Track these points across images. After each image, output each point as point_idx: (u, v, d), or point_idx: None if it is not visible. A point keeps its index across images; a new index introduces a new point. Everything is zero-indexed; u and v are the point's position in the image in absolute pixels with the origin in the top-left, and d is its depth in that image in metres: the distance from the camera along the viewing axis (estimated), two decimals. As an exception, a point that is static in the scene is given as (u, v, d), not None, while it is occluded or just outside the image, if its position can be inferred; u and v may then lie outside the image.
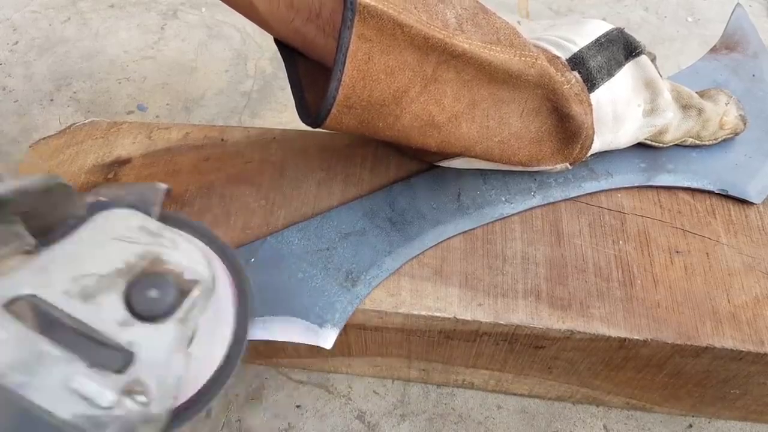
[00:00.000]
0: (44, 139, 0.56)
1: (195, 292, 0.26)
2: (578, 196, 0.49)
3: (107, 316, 0.25)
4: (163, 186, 0.39)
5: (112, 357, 0.24)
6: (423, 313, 0.44)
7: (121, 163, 0.53)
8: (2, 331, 0.22)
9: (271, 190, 0.50)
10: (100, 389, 0.23)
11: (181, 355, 0.26)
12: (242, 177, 0.51)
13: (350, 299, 0.44)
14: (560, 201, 0.49)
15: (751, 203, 0.49)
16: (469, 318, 0.44)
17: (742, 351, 0.42)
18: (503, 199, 0.49)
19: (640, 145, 0.51)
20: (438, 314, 0.44)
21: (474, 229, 0.48)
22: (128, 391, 0.24)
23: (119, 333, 0.25)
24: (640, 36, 0.49)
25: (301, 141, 0.54)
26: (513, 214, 0.48)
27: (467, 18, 0.38)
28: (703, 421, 0.57)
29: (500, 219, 0.48)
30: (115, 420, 0.23)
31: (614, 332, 0.43)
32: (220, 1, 0.40)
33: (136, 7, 0.96)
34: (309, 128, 0.41)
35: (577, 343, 0.44)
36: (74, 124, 0.57)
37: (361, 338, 0.49)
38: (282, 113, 0.82)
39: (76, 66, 0.88)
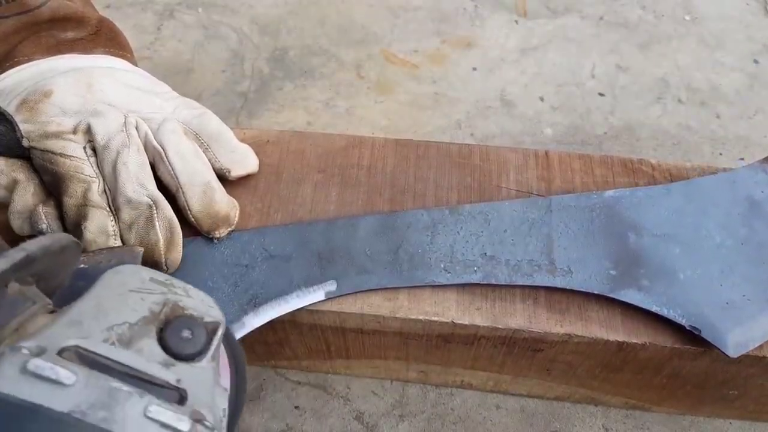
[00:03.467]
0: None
1: (220, 331, 0.28)
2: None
3: (150, 358, 0.26)
4: (140, 249, 0.42)
5: (168, 394, 0.25)
6: (421, 317, 0.44)
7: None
8: (71, 374, 0.23)
9: (268, 193, 0.50)
10: (178, 415, 0.24)
11: (220, 389, 0.27)
12: (238, 179, 0.50)
13: (240, 325, 0.43)
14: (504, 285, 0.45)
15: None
16: (466, 322, 0.43)
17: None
18: (442, 266, 0.45)
19: (619, 246, 0.45)
20: (436, 319, 0.44)
21: (398, 290, 0.45)
22: (196, 420, 0.25)
23: (165, 373, 0.25)
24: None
25: (298, 142, 0.53)
26: (446, 285, 0.45)
27: None
28: (702, 420, 0.57)
29: (431, 285, 0.45)
30: None
31: (612, 336, 0.43)
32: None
33: (133, 8, 0.96)
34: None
35: (575, 346, 0.44)
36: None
37: (359, 341, 0.49)
38: (279, 113, 0.82)
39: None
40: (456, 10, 0.93)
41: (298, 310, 0.44)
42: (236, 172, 0.49)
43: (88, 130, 0.44)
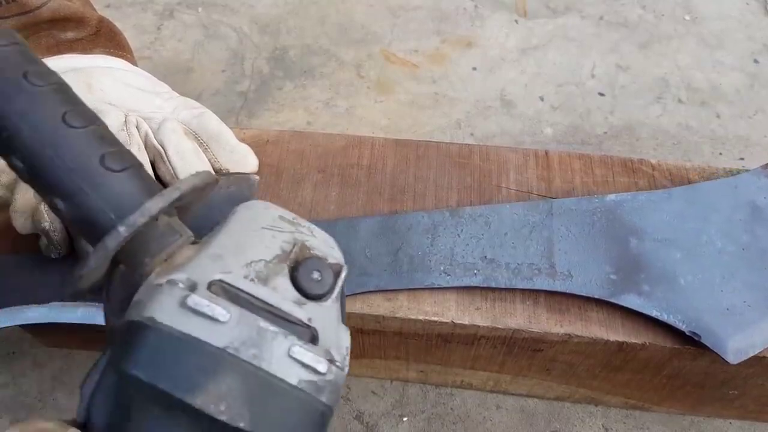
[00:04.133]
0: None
1: (344, 273, 0.29)
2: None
3: (285, 296, 0.27)
4: (257, 178, 0.44)
5: (303, 332, 0.26)
6: (420, 317, 0.44)
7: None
8: (225, 312, 0.25)
9: (267, 193, 0.50)
10: (317, 357, 0.25)
11: (343, 328, 0.29)
12: (239, 180, 0.50)
13: None
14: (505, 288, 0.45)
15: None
16: (466, 322, 0.43)
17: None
18: (442, 268, 0.45)
19: (620, 251, 0.45)
20: (435, 319, 0.44)
21: (398, 290, 0.45)
22: (329, 360, 0.26)
23: (299, 311, 0.27)
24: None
25: (298, 142, 0.53)
26: (446, 287, 0.45)
27: None
28: (702, 420, 0.57)
29: (430, 288, 0.45)
30: (327, 384, 0.26)
31: (612, 336, 0.43)
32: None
33: (133, 8, 0.96)
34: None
35: (575, 346, 0.44)
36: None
37: (359, 341, 0.49)
38: (279, 113, 0.82)
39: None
40: (456, 10, 0.93)
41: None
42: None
43: None
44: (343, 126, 0.80)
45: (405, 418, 0.57)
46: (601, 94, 0.83)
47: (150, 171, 0.45)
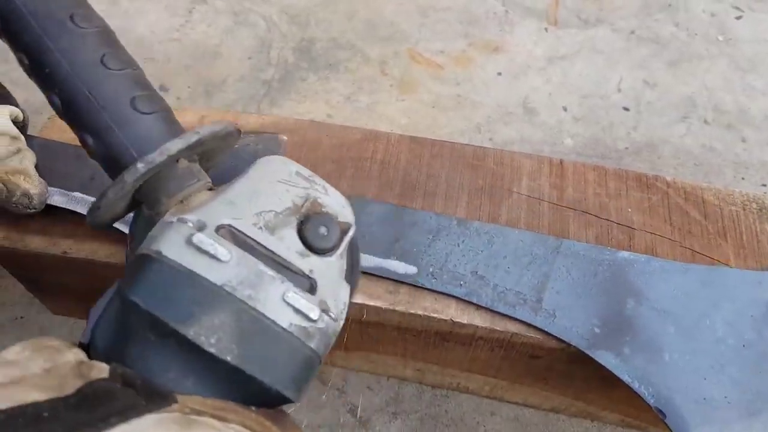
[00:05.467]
0: (63, 112, 0.56)
1: (351, 232, 0.31)
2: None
3: (289, 247, 0.28)
4: (284, 138, 0.45)
5: (302, 281, 0.28)
6: (420, 312, 0.44)
7: (135, 141, 0.54)
8: (227, 252, 0.26)
9: (280, 179, 0.50)
10: (310, 304, 0.27)
11: (344, 284, 0.30)
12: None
13: None
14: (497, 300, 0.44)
15: None
16: (465, 321, 0.43)
17: (741, 378, 0.41)
18: (431, 270, 0.45)
19: (613, 308, 0.43)
20: (435, 315, 0.44)
21: (400, 283, 0.45)
22: (323, 309, 0.27)
23: (301, 262, 0.28)
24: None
25: (314, 132, 0.54)
26: (424, 286, 0.45)
27: None
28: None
29: (408, 283, 0.45)
30: (317, 332, 0.27)
31: (611, 348, 0.42)
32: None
33: (167, -11, 0.97)
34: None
35: (572, 355, 0.44)
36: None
37: (357, 332, 0.49)
38: (301, 104, 0.82)
39: (103, 43, 0.89)
40: (486, 14, 0.93)
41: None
42: None
43: None
44: (362, 121, 0.80)
45: (398, 416, 0.57)
46: (626, 109, 0.82)
47: None
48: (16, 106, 0.49)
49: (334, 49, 0.89)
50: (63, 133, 0.54)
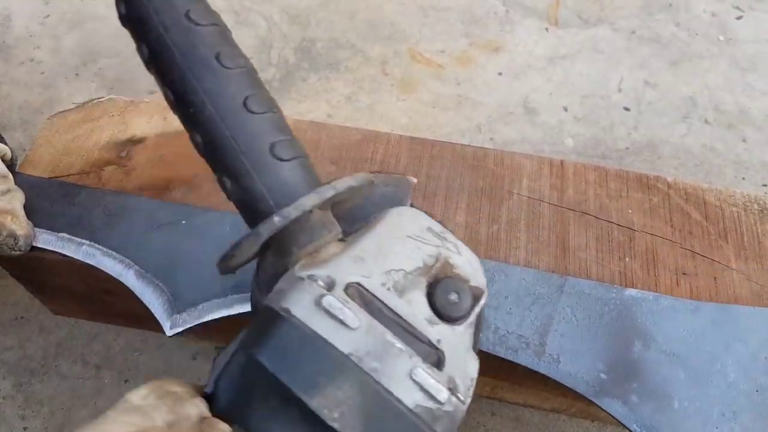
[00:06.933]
0: (62, 112, 0.56)
1: (483, 300, 0.29)
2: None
3: (417, 312, 0.27)
4: (414, 180, 0.44)
5: (429, 353, 0.26)
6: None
7: (135, 142, 0.54)
8: (356, 318, 0.25)
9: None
10: (438, 385, 0.25)
11: (472, 356, 0.28)
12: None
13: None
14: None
15: None
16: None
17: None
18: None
19: (620, 351, 0.42)
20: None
21: None
22: (450, 389, 0.25)
23: (429, 330, 0.27)
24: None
25: (314, 133, 0.54)
26: None
27: None
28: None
29: None
30: (444, 415, 0.25)
31: (611, 350, 0.42)
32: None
33: (167, -11, 0.97)
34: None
35: (572, 357, 0.44)
36: (92, 100, 0.58)
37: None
38: (301, 104, 0.82)
39: (104, 43, 0.89)
40: (487, 14, 0.93)
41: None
42: None
43: None
44: (363, 121, 0.80)
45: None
46: (627, 109, 0.82)
47: None
48: (5, 143, 0.49)
49: (334, 49, 0.89)
50: (62, 133, 0.54)
